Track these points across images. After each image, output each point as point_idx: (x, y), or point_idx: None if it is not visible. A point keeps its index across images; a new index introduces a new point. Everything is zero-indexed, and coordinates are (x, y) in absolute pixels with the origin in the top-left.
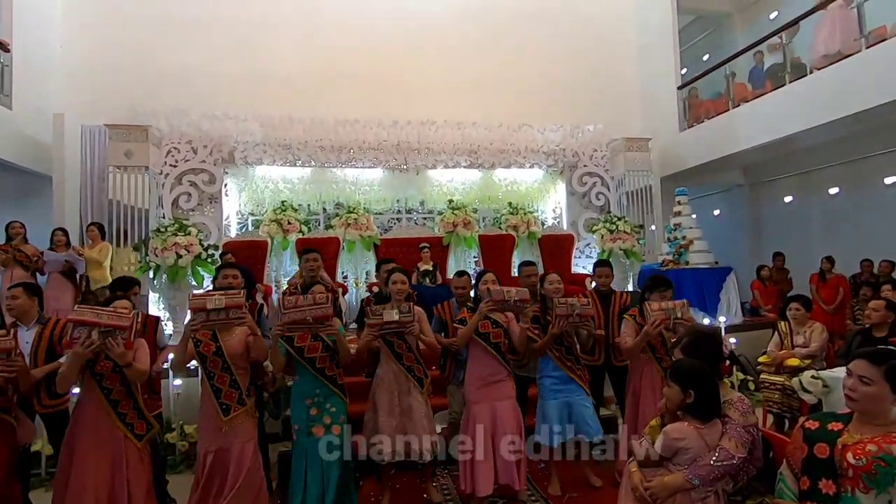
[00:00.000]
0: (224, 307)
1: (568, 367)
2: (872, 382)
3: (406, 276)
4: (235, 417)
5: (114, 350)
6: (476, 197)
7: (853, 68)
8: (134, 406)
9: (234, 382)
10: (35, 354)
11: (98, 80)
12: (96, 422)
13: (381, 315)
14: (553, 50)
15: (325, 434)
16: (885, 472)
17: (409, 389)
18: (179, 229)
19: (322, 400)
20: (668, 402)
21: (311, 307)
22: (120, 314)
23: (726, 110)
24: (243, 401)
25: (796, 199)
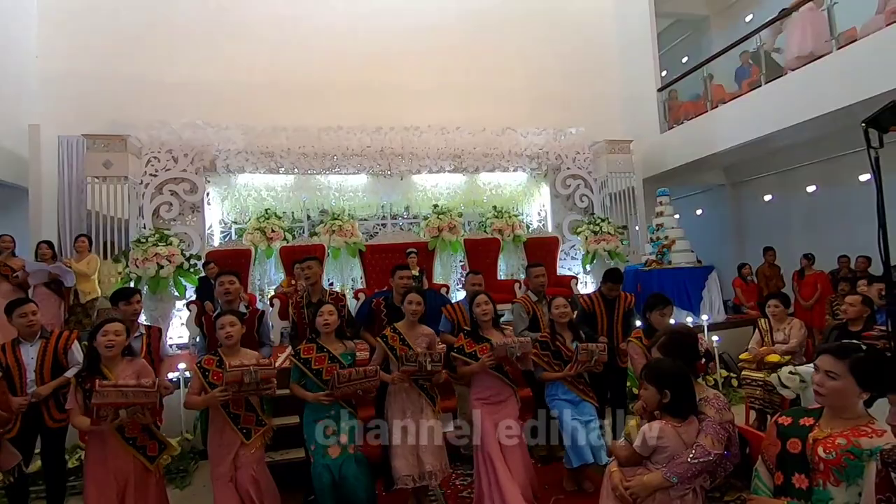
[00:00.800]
0: (258, 379)
1: (580, 391)
2: (838, 377)
3: (423, 296)
4: (256, 440)
5: (144, 421)
6: (461, 201)
7: (825, 69)
8: (143, 428)
9: (251, 406)
10: (41, 370)
11: (75, 91)
12: (105, 446)
13: (415, 363)
14: (535, 55)
15: (342, 453)
16: (853, 465)
17: (422, 407)
18: (160, 239)
19: (335, 418)
20: (646, 402)
21: (362, 380)
22: (146, 391)
23: (705, 111)
24: (262, 421)
25: (776, 197)
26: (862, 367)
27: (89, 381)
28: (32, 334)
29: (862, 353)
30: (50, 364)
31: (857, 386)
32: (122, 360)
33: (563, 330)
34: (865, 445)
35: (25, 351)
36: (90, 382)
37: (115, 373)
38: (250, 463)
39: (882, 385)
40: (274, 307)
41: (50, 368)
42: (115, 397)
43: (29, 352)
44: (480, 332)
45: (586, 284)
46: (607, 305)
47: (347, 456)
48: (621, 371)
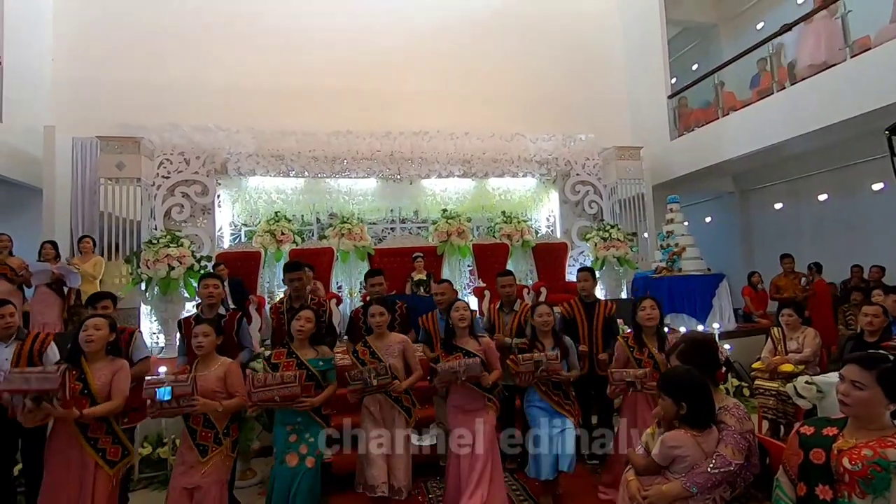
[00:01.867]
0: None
1: (555, 402)
2: (865, 387)
3: (385, 306)
4: (212, 458)
5: (53, 413)
6: (470, 206)
7: (838, 77)
8: (108, 430)
9: (208, 421)
10: None
11: (89, 93)
12: (67, 446)
13: (359, 381)
14: (545, 61)
15: (299, 464)
16: (880, 477)
17: (394, 419)
18: (171, 241)
19: (302, 428)
20: (663, 412)
21: (279, 386)
22: (48, 376)
23: (716, 119)
24: (220, 440)
25: (786, 205)
26: (890, 378)
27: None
28: (8, 336)
29: (890, 363)
30: (25, 366)
31: (885, 397)
32: (105, 359)
33: (544, 337)
34: (892, 457)
35: (0, 352)
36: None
37: (94, 369)
38: (207, 483)
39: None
40: None
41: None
42: (19, 383)
43: (3, 352)
44: (455, 340)
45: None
46: (587, 312)
47: (305, 469)
48: (603, 381)
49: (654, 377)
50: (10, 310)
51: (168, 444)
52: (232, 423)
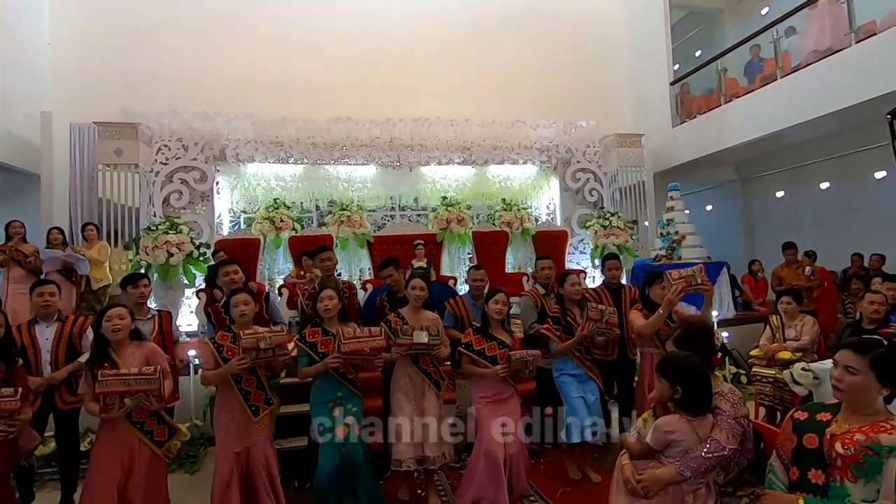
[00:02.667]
0: (273, 345)
1: (587, 367)
2: (858, 372)
3: (426, 280)
4: (264, 418)
5: (151, 408)
6: (470, 193)
7: (843, 63)
8: (151, 413)
9: (261, 384)
10: (55, 352)
11: (86, 79)
12: (115, 430)
13: (410, 336)
14: (545, 47)
15: (348, 434)
16: (872, 461)
17: (424, 392)
18: (171, 227)
19: (344, 401)
20: (659, 395)
21: (368, 338)
22: (148, 377)
23: (718, 106)
24: (270, 400)
25: (788, 194)
26: (883, 363)
27: (98, 367)
28: (48, 315)
29: (883, 348)
30: (65, 347)
31: (878, 382)
32: (131, 344)
33: (573, 306)
34: (885, 442)
35: (41, 331)
36: (99, 368)
37: (124, 357)
38: (262, 441)
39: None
40: (282, 296)
41: (65, 351)
42: (116, 386)
43: (44, 332)
44: (490, 329)
45: (594, 279)
46: (614, 298)
47: (354, 439)
48: (631, 365)
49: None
50: (50, 289)
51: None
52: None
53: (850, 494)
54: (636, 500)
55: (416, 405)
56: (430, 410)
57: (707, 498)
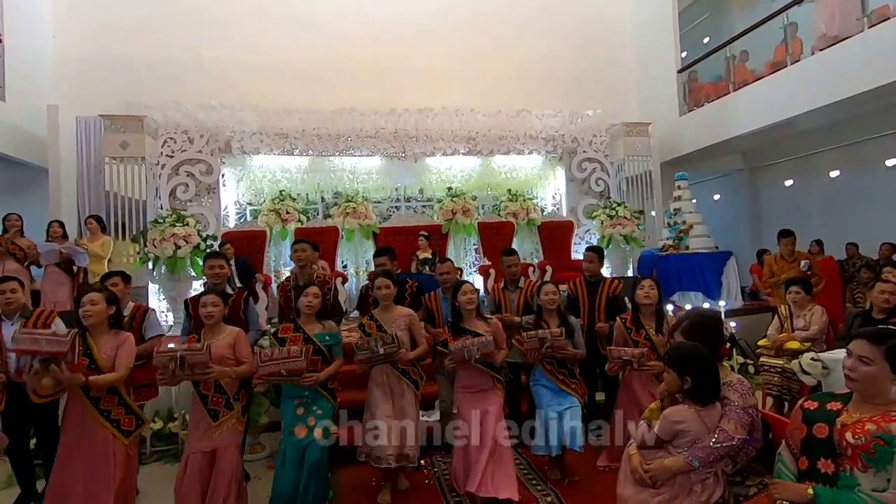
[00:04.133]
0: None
1: (560, 381)
2: (872, 362)
3: (391, 279)
4: (224, 422)
5: (59, 377)
6: (475, 184)
7: (854, 49)
8: (119, 402)
9: (220, 388)
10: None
11: (91, 71)
12: (82, 420)
13: (367, 350)
14: (551, 35)
15: (307, 435)
16: (883, 451)
17: (403, 392)
18: (177, 220)
19: (310, 402)
20: (668, 386)
21: (285, 360)
22: (59, 339)
23: (726, 94)
24: (231, 405)
25: (796, 182)
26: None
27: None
28: (12, 312)
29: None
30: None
31: (892, 372)
32: (109, 332)
33: (549, 316)
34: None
35: (6, 329)
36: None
37: (98, 343)
38: (226, 447)
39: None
40: None
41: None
42: (28, 343)
43: (8, 330)
44: (462, 322)
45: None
46: (589, 290)
47: (313, 440)
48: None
49: (650, 357)
50: (11, 286)
51: (178, 418)
52: (241, 389)
53: (860, 484)
54: (644, 489)
55: (394, 404)
56: (409, 411)
57: (715, 488)
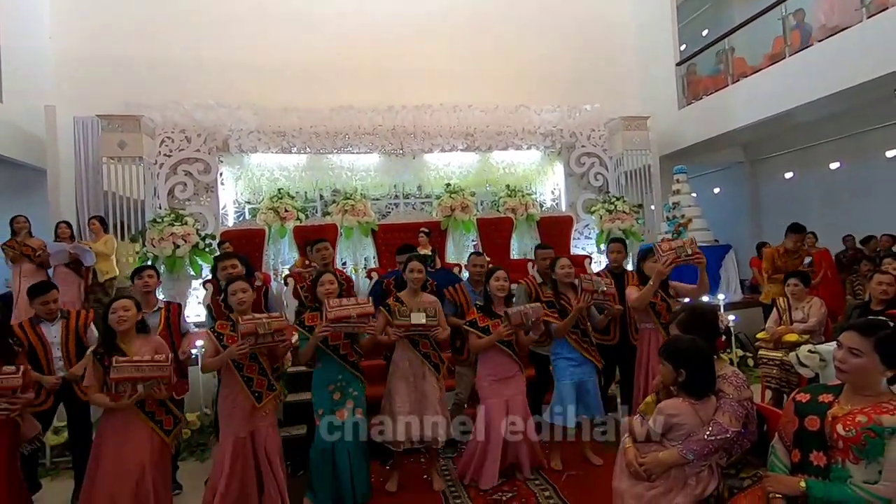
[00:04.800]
0: (271, 331)
1: (584, 349)
2: (862, 354)
3: (424, 264)
4: (267, 403)
5: (159, 396)
6: (473, 180)
7: (854, 39)
8: (160, 403)
9: (263, 370)
10: (66, 348)
11: (89, 71)
12: (126, 420)
13: (408, 317)
14: (548, 29)
15: (349, 417)
16: (874, 443)
17: (425, 374)
18: (176, 219)
19: (345, 385)
20: (663, 378)
21: (355, 306)
22: (160, 364)
23: (725, 86)
24: (273, 386)
25: (797, 174)
26: (888, 345)
27: (107, 358)
28: (54, 318)
29: (889, 330)
30: (74, 342)
31: (882, 364)
32: (138, 337)
33: (566, 290)
34: (887, 423)
35: (47, 330)
36: (108, 360)
37: (132, 349)
38: (266, 426)
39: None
40: (288, 286)
41: (74, 346)
42: (130, 371)
43: (51, 331)
44: (493, 307)
45: (600, 263)
46: (617, 283)
47: (356, 420)
48: (633, 349)
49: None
50: (54, 296)
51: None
52: (276, 369)
53: (851, 476)
54: (639, 483)
55: (415, 387)
56: (430, 392)
57: (710, 480)
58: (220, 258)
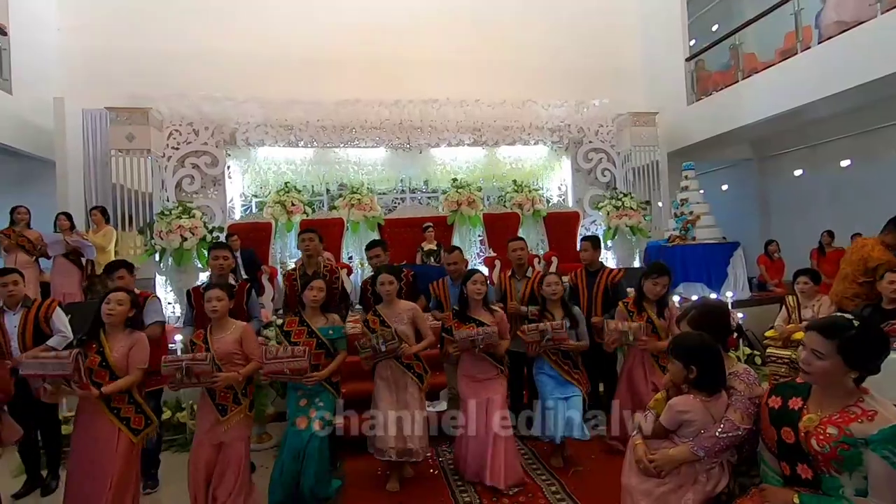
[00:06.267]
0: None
1: (565, 371)
2: (825, 357)
3: (394, 274)
4: (232, 417)
5: (71, 395)
6: (480, 175)
7: (866, 35)
8: (129, 400)
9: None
10: (23, 337)
11: (97, 64)
12: (93, 419)
13: (369, 349)
14: (557, 24)
15: (308, 426)
16: (850, 455)
17: (407, 385)
18: (184, 212)
19: (312, 394)
20: (673, 377)
21: (289, 359)
22: (62, 362)
23: (735, 82)
24: (238, 400)
25: (806, 172)
26: (850, 347)
27: (86, 346)
28: (14, 303)
29: (854, 330)
30: (31, 332)
31: (846, 366)
32: (124, 331)
33: (553, 307)
34: (857, 432)
35: (8, 319)
36: (87, 348)
37: (112, 342)
38: (233, 440)
39: (870, 364)
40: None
41: (31, 336)
42: (35, 368)
43: (12, 320)
44: (469, 311)
45: (607, 260)
46: (588, 279)
47: (314, 432)
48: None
49: (647, 332)
50: (13, 278)
51: (187, 409)
52: (248, 383)
53: (843, 486)
54: (648, 479)
55: (398, 398)
56: (412, 404)
57: (721, 478)
58: (214, 247)
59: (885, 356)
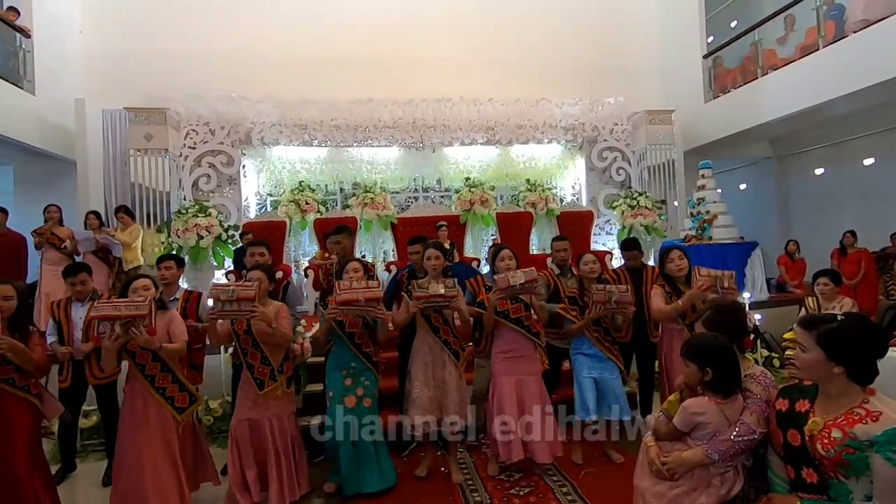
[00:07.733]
0: (236, 299)
1: (605, 348)
2: (807, 349)
3: (442, 251)
4: (270, 392)
5: (138, 339)
6: (493, 174)
7: (890, 30)
8: (173, 380)
9: (265, 359)
10: (87, 329)
11: (117, 65)
12: (138, 396)
13: (426, 288)
14: (572, 21)
15: (357, 405)
16: (856, 459)
17: (444, 362)
18: (200, 210)
19: (357, 373)
20: (687, 378)
21: (364, 289)
22: (137, 304)
23: (754, 79)
24: (275, 376)
25: (828, 171)
26: (830, 339)
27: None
28: (83, 297)
29: (835, 323)
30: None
31: (829, 359)
32: (156, 312)
33: (591, 286)
34: (861, 434)
35: (75, 310)
36: None
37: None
38: (273, 416)
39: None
40: (308, 278)
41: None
42: (108, 310)
43: (78, 311)
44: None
45: (621, 260)
46: (635, 280)
47: (365, 409)
48: (652, 347)
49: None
50: (81, 278)
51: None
52: (285, 360)
53: (852, 491)
54: (661, 481)
55: (435, 375)
56: (449, 380)
57: (735, 481)
58: (249, 245)
59: (877, 354)
